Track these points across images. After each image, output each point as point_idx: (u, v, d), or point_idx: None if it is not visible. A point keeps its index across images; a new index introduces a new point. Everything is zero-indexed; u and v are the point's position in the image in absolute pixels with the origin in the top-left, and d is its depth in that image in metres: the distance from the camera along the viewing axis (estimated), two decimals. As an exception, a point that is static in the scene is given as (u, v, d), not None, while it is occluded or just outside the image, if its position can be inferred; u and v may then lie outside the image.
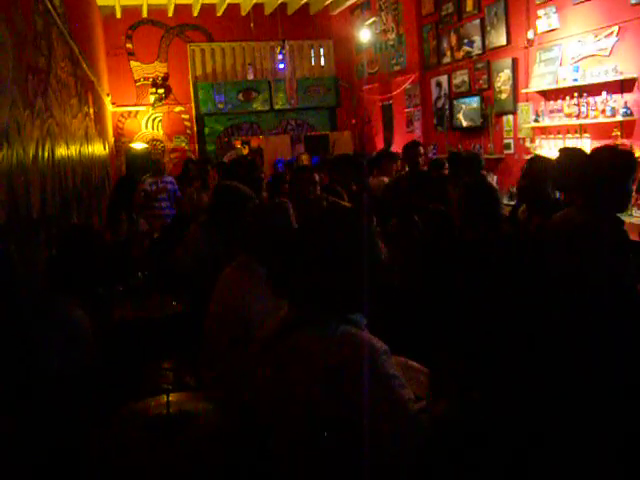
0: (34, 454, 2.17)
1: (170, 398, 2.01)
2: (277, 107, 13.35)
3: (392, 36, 12.08)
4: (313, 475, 1.76)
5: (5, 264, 2.40)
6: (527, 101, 8.31)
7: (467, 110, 9.69)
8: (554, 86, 7.57)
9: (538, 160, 4.25)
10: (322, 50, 13.98)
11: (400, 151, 6.93)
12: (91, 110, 7.39)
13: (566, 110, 7.34)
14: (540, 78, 7.92)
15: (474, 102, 9.49)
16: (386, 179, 5.70)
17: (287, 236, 2.66)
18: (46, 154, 3.67)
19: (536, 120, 7.98)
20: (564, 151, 3.97)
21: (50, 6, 4.39)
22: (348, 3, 12.97)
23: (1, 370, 2.17)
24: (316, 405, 1.72)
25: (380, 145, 12.77)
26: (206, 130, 13.17)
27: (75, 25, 6.38)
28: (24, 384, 2.31)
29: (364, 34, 12.67)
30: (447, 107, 10.36)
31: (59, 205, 3.99)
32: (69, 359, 2.43)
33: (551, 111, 7.68)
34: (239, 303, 2.67)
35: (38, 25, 3.88)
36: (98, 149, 8.03)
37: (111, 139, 11.83)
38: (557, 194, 4.24)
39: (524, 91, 8.31)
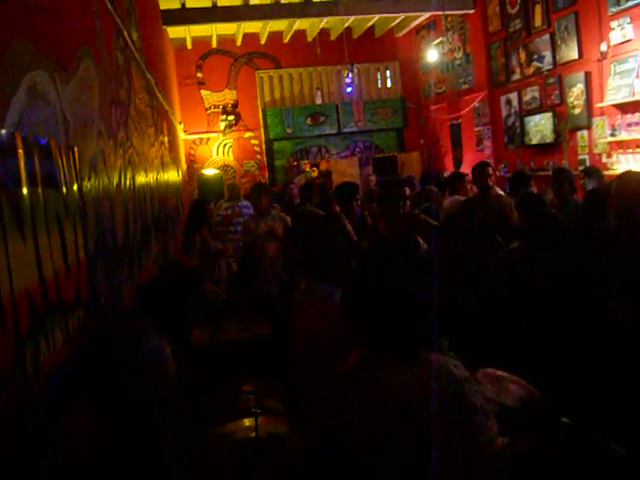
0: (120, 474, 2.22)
1: (258, 421, 2.03)
2: (345, 130, 13.45)
3: (459, 55, 12.01)
4: None
5: (93, 289, 2.48)
6: (602, 115, 8.09)
7: (539, 127, 9.51)
8: (631, 99, 7.33)
9: (629, 176, 4.03)
10: (388, 72, 14.03)
11: (470, 171, 6.85)
12: (166, 139, 7.63)
13: (645, 123, 7.10)
14: (615, 91, 7.69)
15: (546, 118, 9.30)
16: (461, 198, 5.61)
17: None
18: (128, 182, 3.80)
19: (612, 134, 7.75)
20: None
21: (130, 41, 4.57)
22: (413, 24, 12.98)
23: (86, 389, 2.23)
24: (400, 438, 1.70)
25: (449, 165, 12.65)
26: (275, 155, 13.38)
27: (151, 58, 6.62)
28: (108, 407, 2.37)
29: (431, 54, 12.66)
30: (518, 124, 10.18)
31: (140, 232, 4.11)
32: (146, 381, 2.48)
33: (629, 124, 7.44)
34: (324, 331, 2.64)
35: (119, 59, 4.05)
36: (172, 176, 8.26)
37: (184, 166, 12.15)
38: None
39: (599, 105, 8.08)
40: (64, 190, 2.11)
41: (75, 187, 2.28)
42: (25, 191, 1.69)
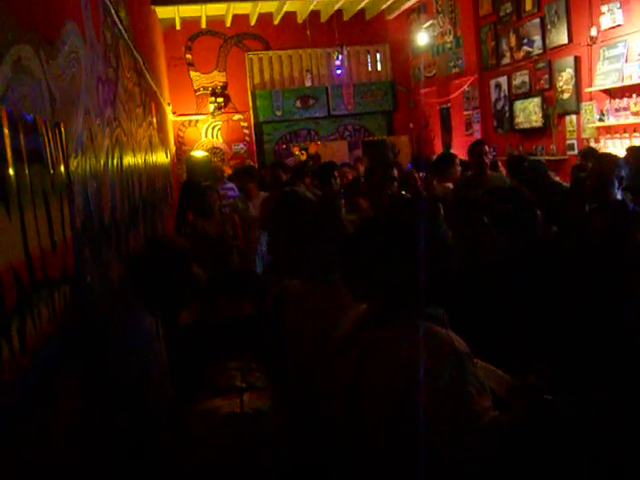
0: (109, 451, 2.24)
1: (244, 397, 2.05)
2: (334, 113, 13.41)
3: (449, 38, 11.99)
4: (383, 467, 1.77)
5: (80, 267, 2.47)
6: (591, 100, 8.11)
7: (528, 111, 9.52)
8: (619, 84, 7.37)
9: (605, 157, 4.10)
10: (378, 55, 13.99)
11: (459, 155, 6.84)
12: (154, 119, 7.57)
13: (633, 108, 7.13)
14: (604, 76, 7.72)
15: (535, 103, 9.32)
16: (451, 185, 5.58)
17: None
18: (115, 162, 3.78)
19: (601, 119, 7.78)
20: (633, 150, 3.83)
21: (117, 19, 4.52)
22: (404, 7, 12.91)
23: (76, 368, 2.24)
24: (395, 402, 1.73)
25: (439, 149, 12.65)
26: (265, 137, 13.34)
27: (139, 37, 6.56)
28: (99, 385, 2.38)
29: (421, 37, 12.60)
30: (507, 109, 10.20)
31: (127, 212, 4.10)
32: (136, 363, 2.50)
33: (617, 110, 7.47)
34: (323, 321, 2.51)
35: (107, 37, 4.01)
36: (161, 157, 8.21)
37: (172, 147, 12.09)
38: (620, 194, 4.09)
39: (587, 90, 8.11)
40: (50, 166, 2.09)
41: (62, 164, 2.26)
42: (10, 166, 1.68)
